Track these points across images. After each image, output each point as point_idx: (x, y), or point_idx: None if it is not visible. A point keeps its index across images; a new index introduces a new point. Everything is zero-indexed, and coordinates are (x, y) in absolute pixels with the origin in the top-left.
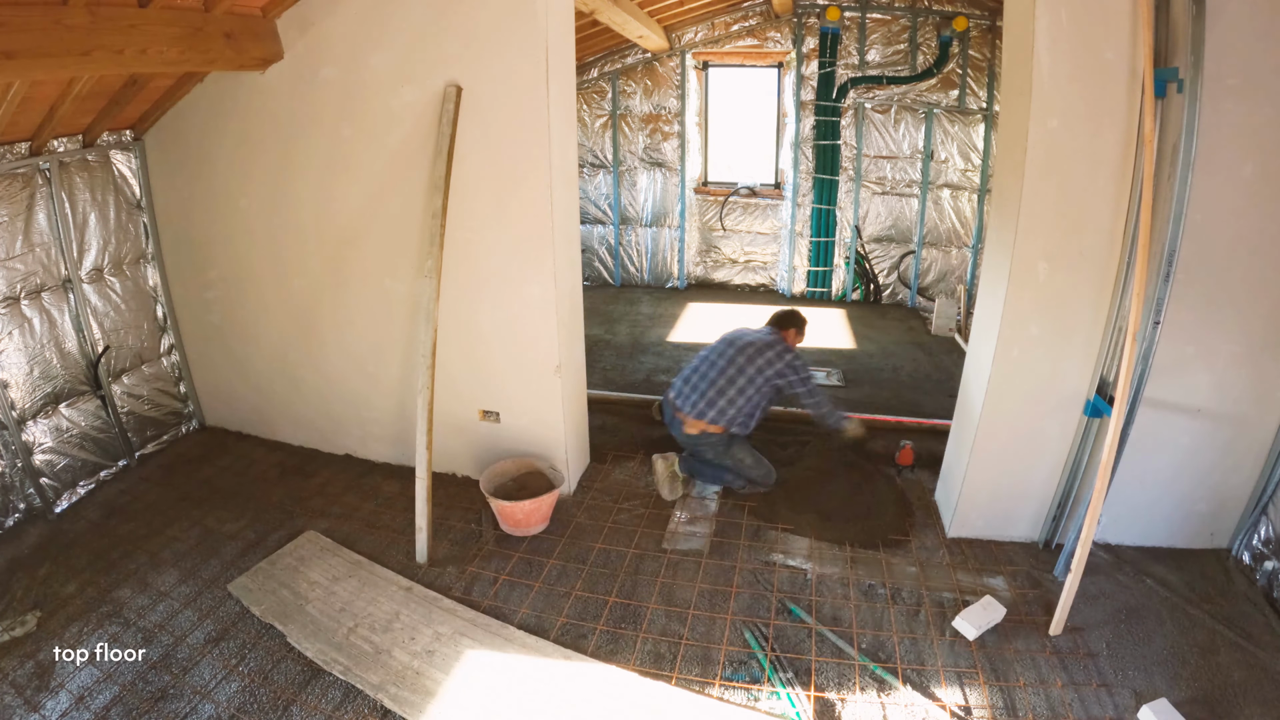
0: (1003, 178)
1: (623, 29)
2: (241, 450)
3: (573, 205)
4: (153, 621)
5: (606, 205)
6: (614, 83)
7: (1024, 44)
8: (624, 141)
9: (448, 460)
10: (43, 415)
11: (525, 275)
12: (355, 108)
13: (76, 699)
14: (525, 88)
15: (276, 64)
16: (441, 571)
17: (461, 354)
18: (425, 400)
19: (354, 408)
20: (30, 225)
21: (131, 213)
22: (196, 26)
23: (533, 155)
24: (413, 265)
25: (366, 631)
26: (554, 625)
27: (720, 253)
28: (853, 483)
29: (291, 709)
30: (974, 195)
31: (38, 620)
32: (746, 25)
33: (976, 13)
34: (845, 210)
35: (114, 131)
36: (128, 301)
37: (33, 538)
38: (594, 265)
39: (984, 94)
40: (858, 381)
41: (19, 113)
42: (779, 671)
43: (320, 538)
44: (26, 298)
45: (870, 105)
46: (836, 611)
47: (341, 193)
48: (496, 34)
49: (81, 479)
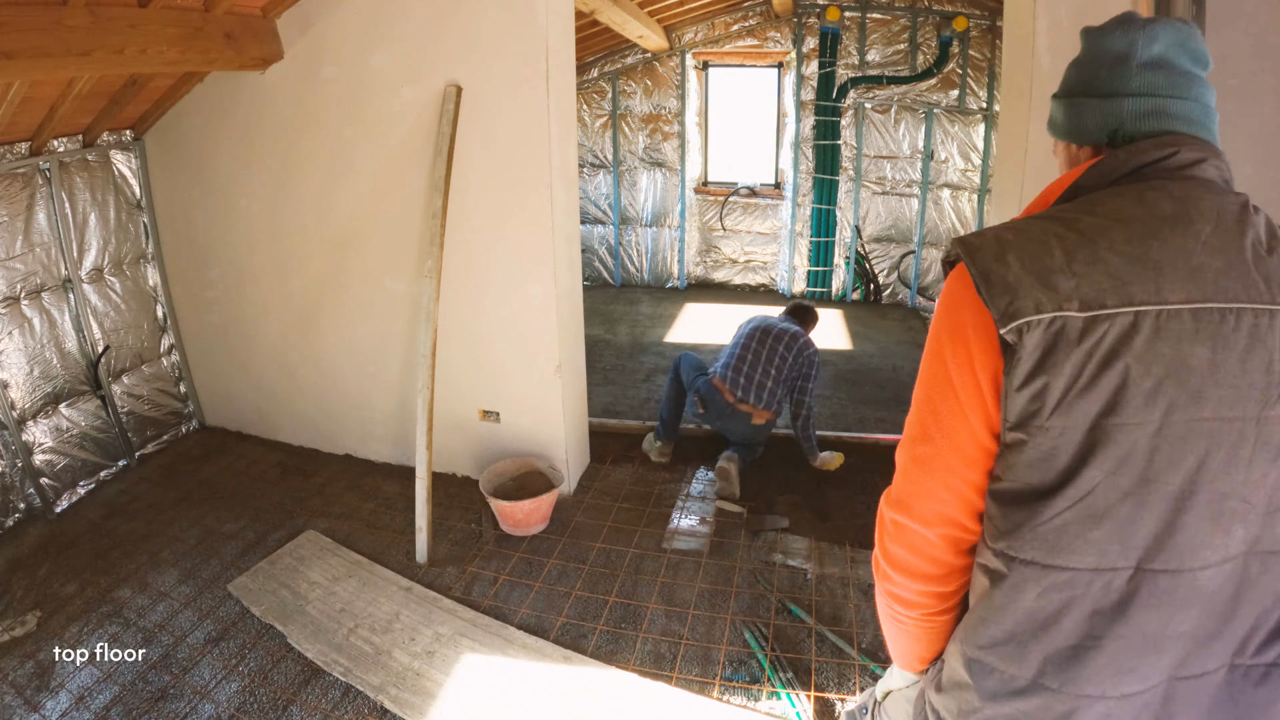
0: (1002, 178)
1: (623, 29)
2: (242, 450)
3: (573, 205)
4: (153, 621)
5: (606, 205)
6: (614, 83)
7: (1024, 44)
8: (624, 141)
9: (448, 460)
10: (43, 415)
11: (525, 275)
12: (355, 108)
13: (76, 699)
14: (525, 88)
15: (277, 64)
16: (441, 571)
17: (462, 354)
18: (425, 400)
19: (354, 407)
20: (30, 225)
21: (131, 213)
22: (196, 26)
23: (533, 155)
24: (413, 265)
25: (366, 632)
26: (554, 625)
27: (720, 253)
28: (853, 484)
29: (291, 709)
30: (974, 195)
31: (38, 620)
32: (746, 25)
33: (976, 13)
34: (845, 210)
35: (114, 131)
36: (128, 301)
37: (33, 538)
38: (594, 265)
39: (984, 94)
40: (858, 381)
41: (19, 113)
42: (779, 671)
43: (320, 538)
44: (26, 298)
45: (870, 105)
46: (836, 611)
47: (342, 193)
48: (497, 34)
49: (81, 479)
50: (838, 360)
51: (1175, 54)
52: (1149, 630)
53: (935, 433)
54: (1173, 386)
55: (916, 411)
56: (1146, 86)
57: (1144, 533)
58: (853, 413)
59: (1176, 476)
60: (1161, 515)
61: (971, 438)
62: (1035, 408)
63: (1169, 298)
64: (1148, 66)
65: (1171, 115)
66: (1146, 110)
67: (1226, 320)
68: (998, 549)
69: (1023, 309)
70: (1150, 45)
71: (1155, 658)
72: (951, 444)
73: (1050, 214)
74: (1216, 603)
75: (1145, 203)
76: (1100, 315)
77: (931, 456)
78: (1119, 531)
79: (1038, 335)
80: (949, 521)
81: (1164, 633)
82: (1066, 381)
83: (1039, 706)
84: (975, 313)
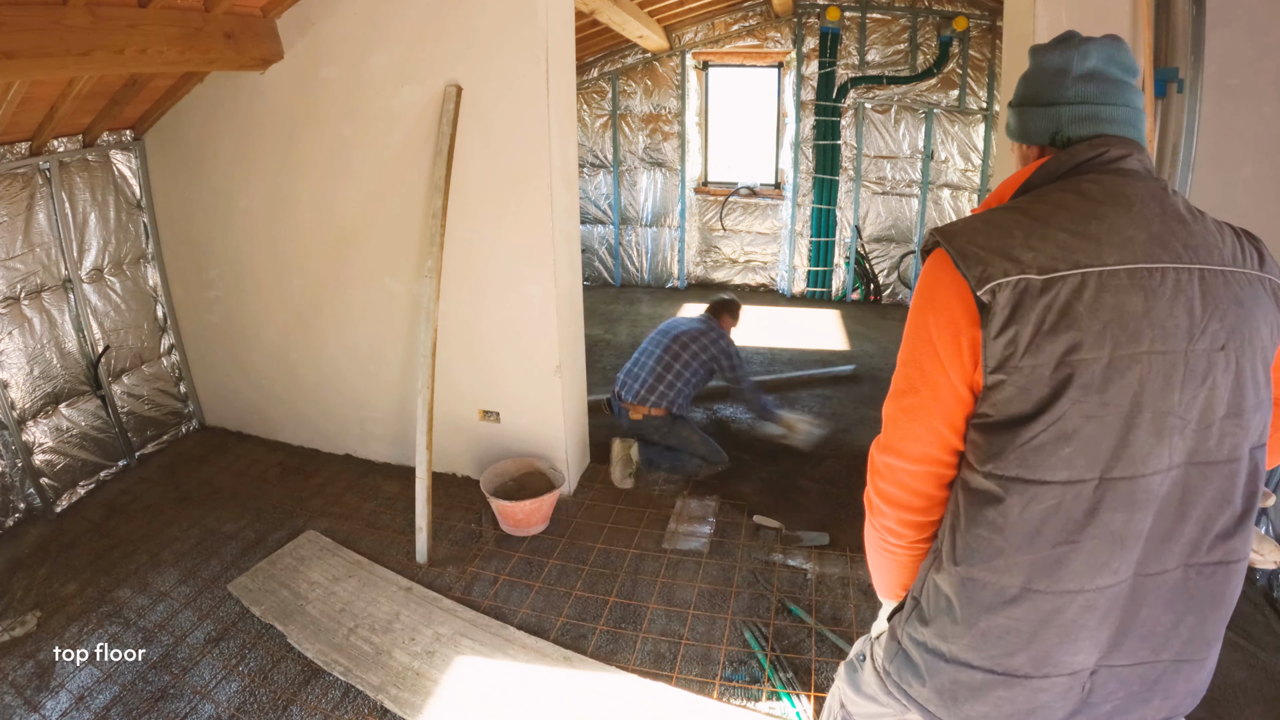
0: (1002, 178)
1: (623, 29)
2: (242, 450)
3: (573, 205)
4: (153, 621)
5: (606, 205)
6: (614, 83)
7: (1024, 44)
8: (624, 141)
9: (448, 460)
10: (43, 415)
11: (525, 275)
12: (355, 108)
13: (76, 699)
14: (525, 88)
15: (276, 64)
16: (441, 571)
17: (462, 354)
18: (425, 400)
19: (354, 407)
20: (30, 225)
21: (131, 213)
22: (196, 26)
23: (533, 155)
24: (413, 265)
25: (367, 632)
26: (554, 625)
27: (720, 253)
28: (854, 485)
29: (291, 709)
30: (974, 195)
31: (38, 620)
32: (746, 25)
33: (976, 13)
34: (845, 210)
35: (114, 131)
36: (128, 301)
37: (33, 538)
38: (594, 265)
39: (984, 94)
40: (859, 381)
41: (19, 113)
42: (779, 671)
43: (320, 538)
44: (26, 298)
45: (870, 105)
46: (836, 611)
47: (342, 192)
48: (497, 34)
49: (81, 479)
50: (838, 360)
51: (1106, 66)
52: (1114, 529)
53: (920, 385)
54: (1116, 328)
55: (903, 369)
56: (1081, 96)
57: (1104, 447)
58: (853, 412)
59: (1125, 398)
60: (1116, 431)
61: (950, 389)
62: (1009, 352)
63: (1107, 261)
64: (1082, 79)
65: (1102, 119)
66: (1081, 116)
67: (1154, 276)
68: (986, 470)
69: (993, 274)
70: (1084, 61)
71: (1123, 553)
72: (934, 394)
73: (1008, 206)
74: (1168, 506)
75: (1083, 192)
76: (1054, 277)
77: (917, 406)
78: (1084, 448)
79: (1007, 293)
80: (931, 459)
81: (1127, 530)
82: (1032, 329)
83: (1029, 609)
84: (954, 284)
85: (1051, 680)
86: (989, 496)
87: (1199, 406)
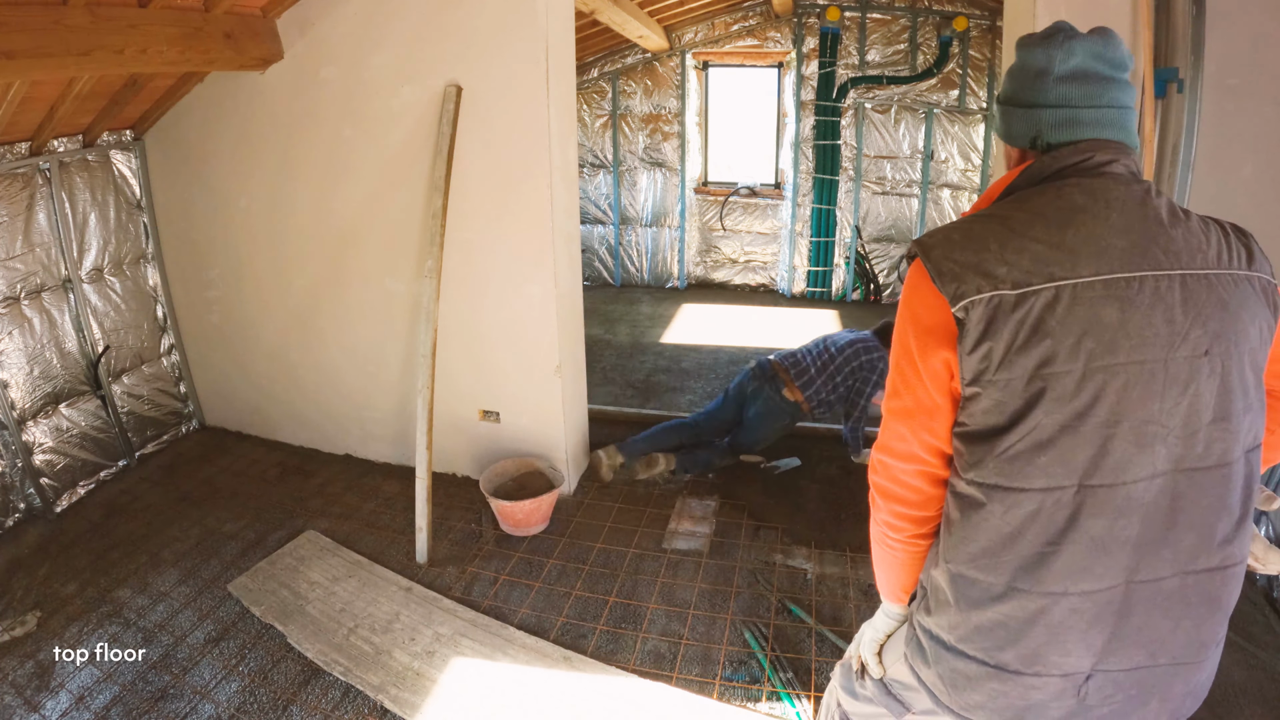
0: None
1: (623, 29)
2: (241, 450)
3: (573, 205)
4: (153, 621)
5: (606, 205)
6: (614, 83)
7: None
8: (624, 141)
9: (448, 460)
10: (43, 415)
11: (525, 275)
12: (355, 108)
13: (76, 699)
14: (525, 88)
15: (276, 64)
16: (441, 571)
17: (461, 354)
18: (425, 400)
19: (354, 407)
20: (30, 225)
21: (131, 213)
22: (196, 26)
23: (533, 155)
24: (413, 265)
25: (366, 632)
26: (554, 625)
27: (720, 253)
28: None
29: (291, 709)
30: (974, 195)
31: (38, 620)
32: (746, 25)
33: (976, 13)
34: (845, 210)
35: (114, 131)
36: (128, 301)
37: (33, 538)
38: (594, 265)
39: (984, 94)
40: None
41: (19, 113)
42: (779, 672)
43: (320, 538)
44: (26, 298)
45: (870, 105)
46: (836, 611)
47: (342, 192)
48: (497, 34)
49: (81, 479)
50: None
51: (1092, 63)
52: (1095, 535)
53: (904, 391)
54: (1090, 340)
55: (892, 372)
56: (1062, 98)
57: (1081, 456)
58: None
59: (1103, 409)
60: (1094, 441)
61: (929, 397)
62: (983, 366)
63: (1082, 272)
64: (1064, 79)
65: (1084, 123)
66: (1061, 120)
67: (1131, 285)
68: (969, 478)
69: (967, 292)
70: (1067, 60)
71: (1106, 559)
72: (916, 401)
73: (989, 212)
74: (1156, 513)
75: (1062, 198)
76: (1028, 291)
77: (903, 410)
78: (1060, 457)
79: (980, 310)
80: (917, 459)
81: (1110, 536)
82: (1005, 344)
83: (1015, 607)
84: (933, 296)
85: (1044, 679)
86: (972, 501)
87: (1181, 414)
